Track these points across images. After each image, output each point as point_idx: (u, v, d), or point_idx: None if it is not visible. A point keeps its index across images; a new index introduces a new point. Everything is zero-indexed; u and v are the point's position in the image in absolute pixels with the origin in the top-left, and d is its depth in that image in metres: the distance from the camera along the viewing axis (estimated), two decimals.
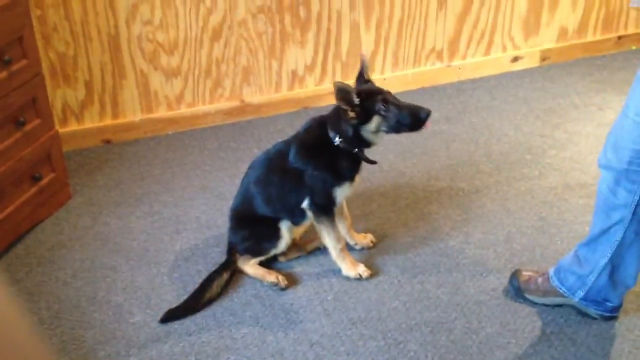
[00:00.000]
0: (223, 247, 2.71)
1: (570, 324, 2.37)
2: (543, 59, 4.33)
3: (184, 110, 3.66)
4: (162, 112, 3.63)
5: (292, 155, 2.51)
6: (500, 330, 2.35)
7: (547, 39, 4.30)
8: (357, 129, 2.39)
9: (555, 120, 3.70)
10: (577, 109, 3.81)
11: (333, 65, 3.84)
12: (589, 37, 4.41)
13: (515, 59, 4.26)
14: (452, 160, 3.36)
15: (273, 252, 2.63)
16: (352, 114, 2.35)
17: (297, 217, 2.58)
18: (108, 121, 3.55)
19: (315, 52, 3.79)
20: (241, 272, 2.63)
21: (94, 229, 2.92)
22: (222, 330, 2.39)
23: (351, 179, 2.50)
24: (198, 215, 3.00)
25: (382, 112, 2.36)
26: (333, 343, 2.32)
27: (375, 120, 2.37)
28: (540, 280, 2.43)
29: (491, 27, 4.12)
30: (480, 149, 3.45)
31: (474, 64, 4.18)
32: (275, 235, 2.60)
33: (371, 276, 2.60)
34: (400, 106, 2.37)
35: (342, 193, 2.50)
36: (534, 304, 2.45)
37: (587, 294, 2.31)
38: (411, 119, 2.36)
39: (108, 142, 3.56)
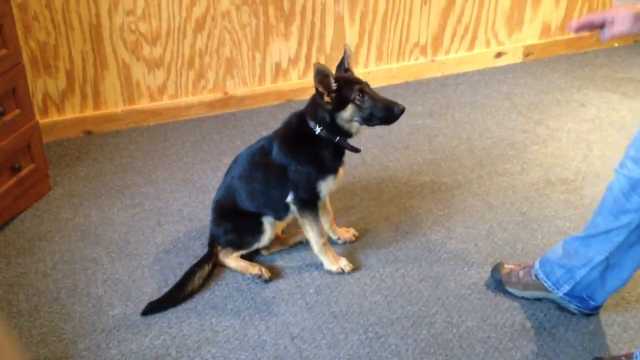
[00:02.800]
0: (205, 240, 2.70)
1: (549, 318, 2.39)
2: (526, 55, 4.35)
3: (166, 101, 3.64)
4: (144, 104, 3.60)
5: (275, 151, 2.50)
6: (481, 324, 2.37)
7: (530, 35, 4.32)
8: (332, 115, 2.39)
9: (537, 116, 3.72)
10: (559, 105, 3.84)
11: (317, 58, 3.83)
12: (572, 34, 4.42)
13: (499, 55, 4.28)
14: (434, 155, 3.37)
15: (255, 246, 2.63)
16: (327, 99, 2.35)
17: (280, 212, 2.58)
18: (89, 112, 3.52)
19: (299, 44, 3.78)
20: (223, 265, 2.62)
21: (74, 221, 2.89)
22: (203, 323, 2.38)
23: (335, 171, 2.50)
24: (180, 207, 2.98)
25: (357, 102, 2.36)
26: (314, 336, 2.32)
27: (350, 109, 2.37)
28: (521, 273, 2.45)
29: (475, 23, 4.13)
30: (463, 144, 3.47)
31: (458, 59, 4.18)
32: (258, 229, 2.59)
33: (353, 270, 2.60)
34: (375, 99, 2.38)
35: (326, 187, 2.50)
36: (514, 297, 2.46)
37: (573, 289, 2.31)
38: (385, 112, 2.37)
39: (89, 133, 3.53)
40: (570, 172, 3.22)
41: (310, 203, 2.51)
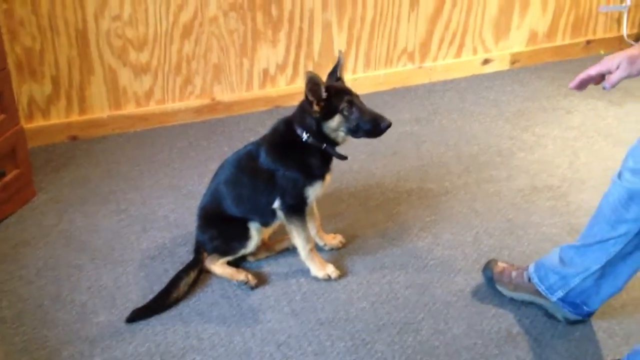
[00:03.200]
0: (190, 246, 2.69)
1: (535, 325, 2.39)
2: (513, 62, 4.37)
3: (153, 107, 3.62)
4: (130, 109, 3.58)
5: (262, 157, 2.49)
6: (467, 331, 2.36)
7: (517, 42, 4.34)
8: (318, 124, 2.39)
9: (524, 123, 3.74)
10: (545, 112, 3.86)
11: (305, 65, 3.83)
12: (559, 41, 4.46)
13: (486, 62, 4.30)
14: (422, 162, 3.37)
15: (242, 252, 2.61)
16: (316, 108, 2.36)
17: (267, 217, 2.57)
18: (75, 117, 3.50)
19: (287, 51, 3.77)
20: (209, 272, 2.61)
21: (58, 227, 2.86)
22: (188, 330, 2.36)
23: (322, 177, 2.50)
24: (166, 213, 2.96)
25: (345, 112, 2.37)
26: (300, 343, 2.31)
27: (337, 119, 2.38)
28: (514, 274, 2.44)
29: (462, 29, 4.14)
30: (450, 151, 3.47)
31: (445, 65, 4.20)
32: (245, 235, 2.58)
33: (340, 277, 2.59)
34: (363, 111, 2.39)
35: (313, 192, 2.49)
36: (500, 304, 2.46)
37: (567, 295, 2.30)
38: (371, 126, 2.38)
39: (75, 138, 3.51)
40: (556, 178, 3.23)
41: (297, 209, 2.50)
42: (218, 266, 2.59)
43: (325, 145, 2.44)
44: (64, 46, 3.33)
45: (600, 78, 2.02)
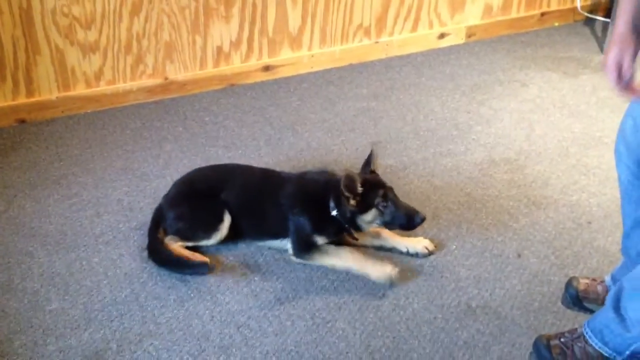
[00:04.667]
0: (146, 230, 2.62)
1: (495, 298, 2.40)
2: (469, 36, 4.36)
3: (103, 87, 3.51)
4: (80, 90, 3.47)
5: (285, 194, 2.53)
6: (427, 305, 2.36)
7: (472, 16, 4.34)
8: (353, 214, 2.44)
9: (480, 97, 3.74)
10: (501, 85, 3.87)
11: (259, 42, 3.76)
12: (513, 14, 4.47)
13: (442, 36, 4.28)
14: (380, 137, 3.35)
15: (204, 242, 2.57)
16: (352, 202, 2.40)
17: (256, 235, 2.61)
18: (22, 99, 3.37)
19: (241, 27, 3.70)
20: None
21: (7, 213, 2.77)
22: (145, 315, 2.31)
23: (328, 238, 2.54)
24: (120, 197, 2.89)
25: (380, 207, 2.42)
26: (260, 324, 2.28)
27: (372, 213, 2.43)
28: (599, 288, 2.31)
29: (418, 4, 4.11)
30: (408, 126, 3.46)
31: (401, 40, 4.17)
32: (213, 226, 2.54)
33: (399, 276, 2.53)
34: (398, 205, 2.44)
35: (322, 241, 2.52)
36: (459, 278, 2.47)
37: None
38: (405, 220, 2.44)
39: (23, 121, 3.39)
40: (512, 151, 3.24)
41: (305, 250, 2.52)
42: (175, 248, 2.53)
43: (348, 225, 2.49)
44: (8, 25, 3.19)
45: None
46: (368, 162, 2.56)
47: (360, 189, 2.39)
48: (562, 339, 2.11)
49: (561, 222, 2.78)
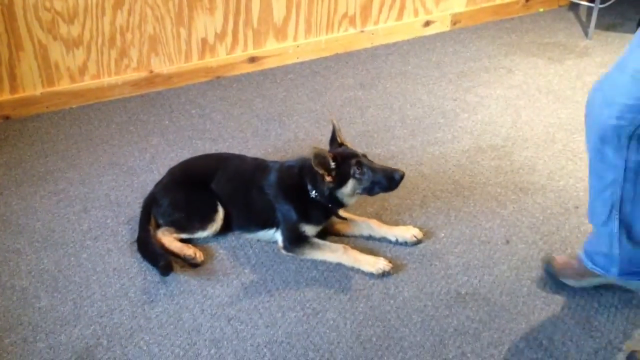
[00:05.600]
0: (134, 224, 2.61)
1: (484, 284, 2.41)
2: (454, 23, 4.36)
3: (88, 82, 3.49)
4: (64, 85, 3.44)
5: (268, 183, 2.53)
6: (417, 294, 2.37)
7: (457, 3, 4.33)
8: (332, 191, 2.42)
9: (466, 84, 3.74)
10: (487, 72, 3.87)
11: (244, 33, 3.75)
12: (498, 0, 4.47)
13: (427, 24, 4.28)
14: (367, 127, 3.35)
15: (198, 234, 2.56)
16: (329, 179, 2.39)
17: (245, 225, 2.60)
18: (6, 96, 3.35)
19: (225, 19, 3.67)
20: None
21: None
22: (135, 309, 2.30)
23: (319, 224, 2.54)
24: (107, 192, 2.87)
25: (357, 176, 2.40)
26: (251, 317, 2.28)
27: (351, 184, 2.41)
28: (577, 265, 2.36)
29: None
30: (395, 115, 3.46)
31: (387, 29, 4.16)
32: (210, 217, 2.54)
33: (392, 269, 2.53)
34: (374, 169, 2.42)
35: (311, 231, 2.52)
36: (448, 266, 2.48)
37: (621, 269, 2.23)
38: (385, 181, 2.41)
39: (7, 118, 3.36)
40: (499, 138, 3.25)
41: (296, 243, 2.52)
42: (167, 239, 2.52)
43: (330, 204, 2.48)
44: None
45: None
46: (333, 137, 2.54)
47: (332, 164, 2.38)
48: None
49: (549, 207, 2.79)
